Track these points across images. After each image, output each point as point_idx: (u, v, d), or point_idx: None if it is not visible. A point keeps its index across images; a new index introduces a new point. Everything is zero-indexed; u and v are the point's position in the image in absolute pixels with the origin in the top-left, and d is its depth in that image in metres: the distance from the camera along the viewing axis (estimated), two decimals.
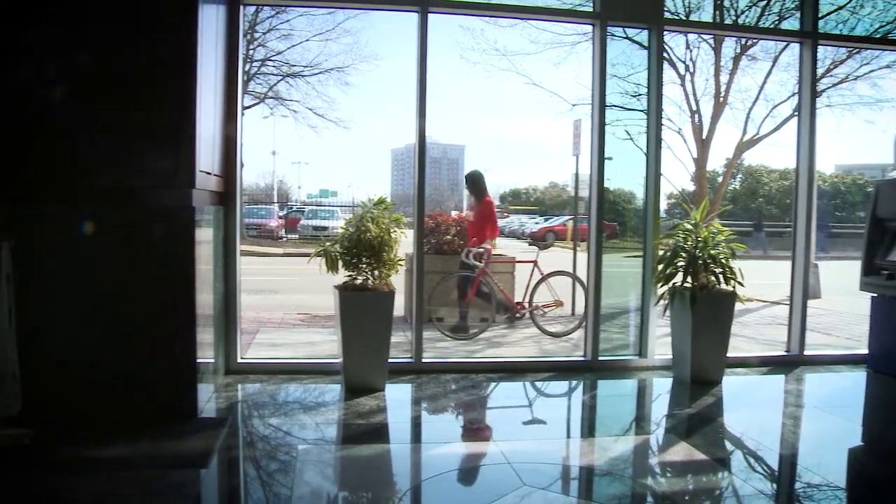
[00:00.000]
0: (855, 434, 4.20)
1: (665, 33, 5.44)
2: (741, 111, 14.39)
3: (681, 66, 11.64)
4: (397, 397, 4.62)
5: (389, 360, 4.72)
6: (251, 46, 15.67)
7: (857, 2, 8.39)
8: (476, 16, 6.36)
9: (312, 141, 40.25)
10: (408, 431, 4.13)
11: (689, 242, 5.11)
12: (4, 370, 3.31)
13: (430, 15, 4.98)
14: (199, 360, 3.91)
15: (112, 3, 3.72)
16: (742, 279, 5.05)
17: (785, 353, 5.79)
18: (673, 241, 5.24)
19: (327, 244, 4.76)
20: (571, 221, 12.54)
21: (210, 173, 4.19)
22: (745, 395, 4.99)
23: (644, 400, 5.03)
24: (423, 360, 5.18)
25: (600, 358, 5.39)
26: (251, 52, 15.86)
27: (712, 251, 5.04)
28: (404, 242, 4.87)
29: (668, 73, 8.42)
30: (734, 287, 5.04)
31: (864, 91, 12.85)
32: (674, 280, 5.13)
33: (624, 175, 5.75)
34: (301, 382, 4.83)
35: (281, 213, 24.71)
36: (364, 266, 4.68)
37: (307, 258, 4.89)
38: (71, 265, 3.69)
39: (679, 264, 5.10)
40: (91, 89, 3.68)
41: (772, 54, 11.53)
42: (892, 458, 3.80)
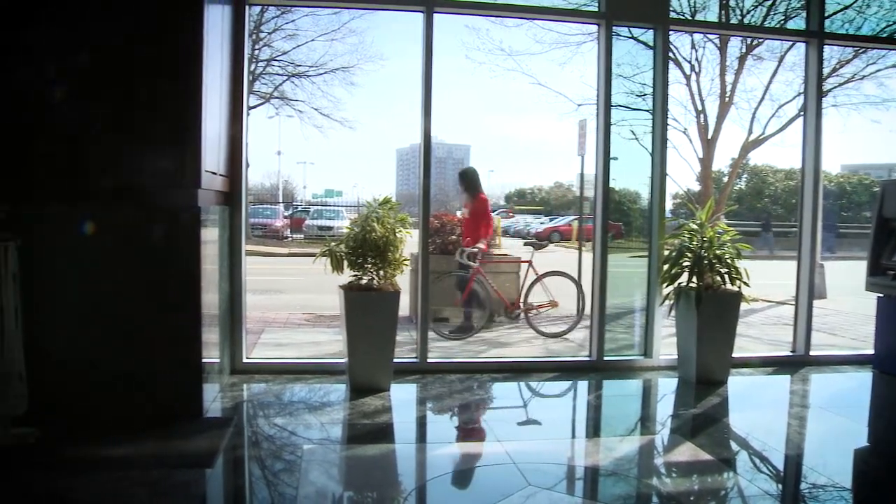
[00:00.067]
0: (860, 435, 4.18)
1: (670, 33, 5.42)
2: (747, 111, 14.43)
3: (686, 66, 11.64)
4: (402, 397, 4.62)
5: (394, 360, 4.72)
6: (256, 46, 15.67)
7: (863, 1, 8.38)
8: (481, 16, 6.35)
9: (318, 141, 40.28)
10: (413, 431, 4.13)
11: (694, 242, 5.10)
12: (11, 370, 3.33)
13: (435, 15, 4.98)
14: (204, 360, 3.92)
15: (117, 3, 3.72)
16: (748, 279, 5.04)
17: (790, 354, 5.78)
18: (678, 241, 5.23)
19: (332, 244, 4.76)
20: (577, 221, 12.51)
21: (215, 173, 4.20)
22: (750, 395, 4.98)
23: (649, 400, 5.03)
24: (429, 360, 5.19)
25: (605, 358, 5.38)
26: (256, 51, 15.87)
27: (718, 251, 5.03)
28: (409, 242, 4.87)
29: (673, 72, 8.38)
30: (739, 287, 5.04)
31: (871, 90, 12.86)
32: (679, 280, 5.12)
33: (629, 175, 5.74)
34: (306, 382, 4.84)
35: (286, 213, 24.70)
36: (369, 266, 4.68)
37: (312, 258, 4.91)
38: (79, 265, 3.70)
39: (684, 264, 5.10)
40: (96, 89, 3.67)
41: (777, 54, 11.52)
42: None
